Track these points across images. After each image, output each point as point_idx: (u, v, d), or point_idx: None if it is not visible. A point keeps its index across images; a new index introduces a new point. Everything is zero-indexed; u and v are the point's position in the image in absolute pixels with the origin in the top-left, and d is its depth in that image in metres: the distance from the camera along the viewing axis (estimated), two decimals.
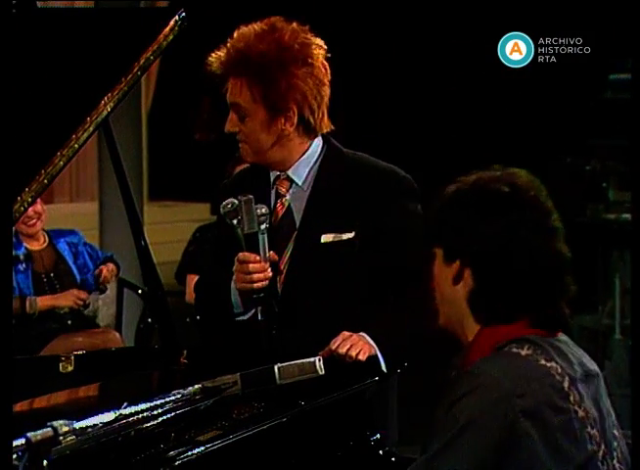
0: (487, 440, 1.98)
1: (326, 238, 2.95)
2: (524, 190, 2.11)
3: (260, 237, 2.88)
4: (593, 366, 2.15)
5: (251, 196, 2.90)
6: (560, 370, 2.05)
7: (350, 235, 2.94)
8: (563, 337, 2.13)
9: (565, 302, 2.12)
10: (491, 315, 2.10)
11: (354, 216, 2.96)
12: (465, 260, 2.09)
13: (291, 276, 2.95)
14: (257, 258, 2.87)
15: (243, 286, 2.89)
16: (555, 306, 2.11)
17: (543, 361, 2.05)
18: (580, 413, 2.04)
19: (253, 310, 2.92)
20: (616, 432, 2.12)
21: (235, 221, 2.89)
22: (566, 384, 2.04)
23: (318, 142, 3.01)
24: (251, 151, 3.00)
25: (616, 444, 2.10)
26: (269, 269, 2.88)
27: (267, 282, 2.88)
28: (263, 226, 2.88)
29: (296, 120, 2.93)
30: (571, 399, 2.04)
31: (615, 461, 2.08)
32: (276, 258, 2.92)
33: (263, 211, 2.88)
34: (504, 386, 1.99)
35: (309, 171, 3.00)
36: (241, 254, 2.88)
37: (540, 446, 1.98)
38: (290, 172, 3.00)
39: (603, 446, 2.06)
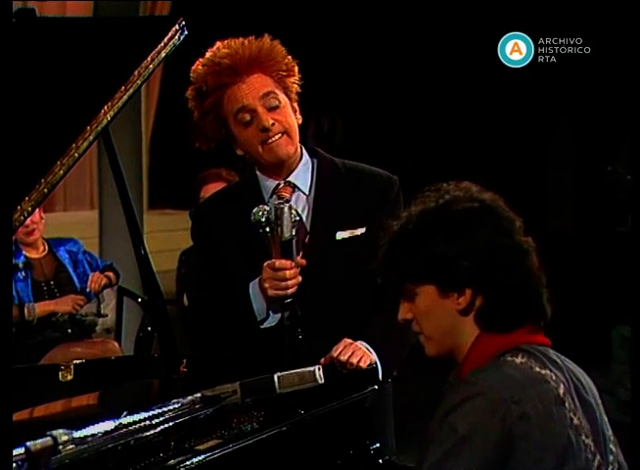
0: (487, 446, 1.99)
1: (342, 235, 2.98)
2: (489, 200, 2.16)
3: (293, 242, 2.86)
4: (585, 379, 2.17)
5: (289, 202, 2.91)
6: (554, 377, 2.08)
7: (363, 230, 2.98)
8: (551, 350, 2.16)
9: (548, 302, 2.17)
10: (501, 325, 2.12)
11: (360, 214, 2.99)
12: (473, 287, 2.11)
13: (310, 276, 2.92)
14: (292, 264, 2.86)
15: (276, 293, 2.86)
16: (545, 308, 2.15)
17: (538, 369, 2.08)
18: (575, 421, 2.06)
19: (278, 316, 2.89)
20: (612, 447, 2.14)
21: (268, 229, 2.86)
22: (561, 391, 2.07)
23: (305, 153, 3.06)
24: (290, 140, 2.99)
25: (612, 458, 2.12)
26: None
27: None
28: (294, 231, 2.87)
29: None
30: (567, 405, 2.06)
31: None
32: (304, 262, 2.90)
33: (297, 217, 2.89)
34: (500, 393, 2.01)
35: (310, 178, 3.03)
36: (277, 261, 2.85)
37: (537, 451, 2.00)
38: (292, 179, 3.02)
39: (598, 457, 2.08)
